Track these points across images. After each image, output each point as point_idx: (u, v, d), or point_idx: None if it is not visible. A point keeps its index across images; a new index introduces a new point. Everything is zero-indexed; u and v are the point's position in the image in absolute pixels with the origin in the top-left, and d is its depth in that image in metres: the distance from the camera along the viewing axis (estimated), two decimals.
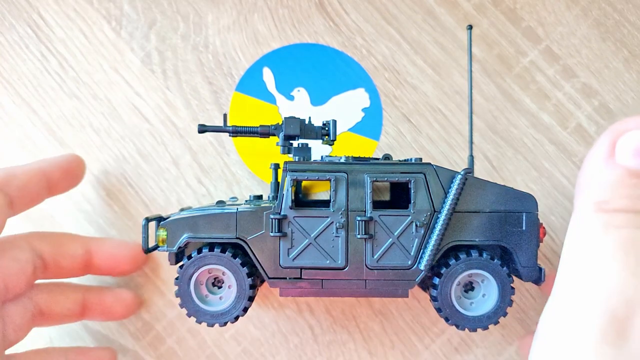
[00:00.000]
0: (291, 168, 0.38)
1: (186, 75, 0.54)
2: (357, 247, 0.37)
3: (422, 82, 0.53)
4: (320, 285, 0.38)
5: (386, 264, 0.37)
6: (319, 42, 0.54)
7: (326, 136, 0.42)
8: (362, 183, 0.38)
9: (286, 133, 0.40)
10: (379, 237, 0.37)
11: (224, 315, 0.38)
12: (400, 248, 0.37)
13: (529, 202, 0.38)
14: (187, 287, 0.38)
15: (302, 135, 0.41)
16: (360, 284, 0.38)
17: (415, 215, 0.37)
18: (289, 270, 0.38)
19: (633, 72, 0.53)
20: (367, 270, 0.38)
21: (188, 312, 0.38)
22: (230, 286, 0.39)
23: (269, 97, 0.53)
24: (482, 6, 0.54)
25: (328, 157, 0.43)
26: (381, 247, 0.37)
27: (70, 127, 0.54)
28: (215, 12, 0.54)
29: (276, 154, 0.46)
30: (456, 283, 0.38)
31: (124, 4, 0.54)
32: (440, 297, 0.38)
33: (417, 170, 0.38)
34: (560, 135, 0.53)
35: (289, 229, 0.38)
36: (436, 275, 0.38)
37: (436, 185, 0.38)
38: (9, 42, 0.54)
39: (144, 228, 0.39)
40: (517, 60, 0.53)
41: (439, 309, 0.39)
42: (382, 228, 0.37)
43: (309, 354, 0.52)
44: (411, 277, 0.38)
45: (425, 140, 0.53)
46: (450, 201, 0.37)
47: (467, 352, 0.52)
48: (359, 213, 0.37)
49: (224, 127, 0.43)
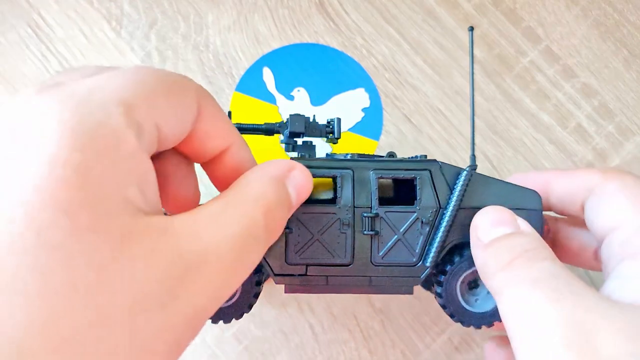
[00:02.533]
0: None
1: (187, 75, 0.54)
2: (362, 243, 0.37)
3: (422, 82, 0.53)
4: (325, 281, 0.38)
5: (391, 260, 0.38)
6: (319, 42, 0.54)
7: (330, 134, 0.42)
8: (367, 179, 0.38)
9: (292, 130, 0.40)
10: (385, 234, 0.37)
11: (229, 312, 0.38)
12: (406, 244, 0.37)
13: (534, 199, 0.38)
14: None
15: (307, 133, 0.41)
16: (365, 281, 0.38)
17: (420, 212, 0.37)
18: (294, 267, 0.38)
19: (633, 72, 0.53)
20: (373, 266, 0.38)
21: None
22: None
23: (269, 97, 0.53)
24: (482, 6, 0.54)
25: (332, 154, 0.43)
26: (387, 243, 0.37)
27: None
28: (216, 12, 0.54)
29: (278, 154, 0.46)
30: (461, 280, 0.38)
31: (124, 3, 0.54)
32: (445, 294, 0.38)
33: (423, 167, 0.38)
34: (560, 135, 0.53)
35: (295, 226, 0.38)
36: (441, 272, 0.39)
37: (442, 181, 0.38)
38: (9, 42, 0.54)
39: None
40: (517, 61, 0.53)
41: (444, 306, 0.39)
42: (387, 224, 0.37)
43: (309, 353, 0.52)
44: (416, 274, 0.38)
45: (425, 140, 0.53)
46: (456, 198, 0.37)
47: (468, 351, 0.52)
48: (364, 209, 0.37)
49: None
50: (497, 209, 0.36)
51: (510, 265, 0.31)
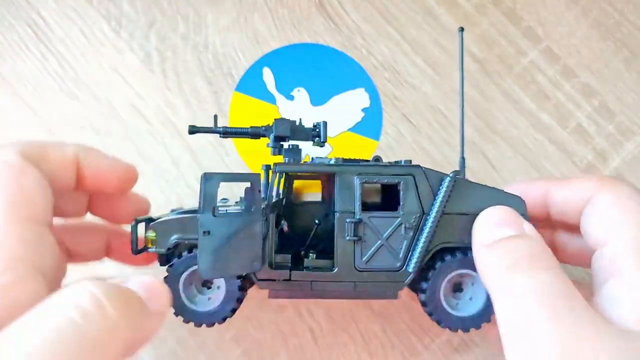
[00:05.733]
0: (280, 169, 0.38)
1: (186, 76, 0.54)
2: (346, 248, 0.37)
3: (422, 82, 0.53)
4: (309, 286, 0.38)
5: (375, 266, 0.37)
6: (319, 42, 0.54)
7: (317, 137, 0.42)
8: (351, 184, 0.37)
9: (276, 134, 0.40)
10: (368, 239, 0.37)
11: (212, 316, 0.38)
12: (389, 250, 0.37)
13: (517, 204, 0.38)
14: (176, 286, 0.38)
15: (293, 137, 0.41)
16: (350, 286, 0.38)
17: (404, 217, 0.37)
18: (278, 272, 0.38)
19: (633, 72, 0.53)
20: (357, 272, 0.37)
21: (175, 311, 0.38)
22: (220, 287, 0.39)
23: (269, 97, 0.53)
24: (482, 6, 0.54)
25: (318, 158, 0.43)
26: (370, 249, 0.37)
27: (70, 127, 0.54)
28: (215, 12, 0.54)
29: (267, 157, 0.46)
30: (444, 285, 0.38)
31: (123, 3, 0.54)
32: (429, 301, 0.38)
33: (406, 172, 0.38)
34: (560, 135, 0.53)
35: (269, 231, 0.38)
36: (424, 279, 0.38)
37: (425, 187, 0.38)
38: (9, 42, 0.54)
39: (134, 229, 0.38)
40: (517, 60, 0.53)
41: (430, 313, 0.39)
42: (371, 230, 0.37)
43: (308, 356, 0.52)
44: (400, 279, 0.38)
45: (425, 140, 0.53)
46: (439, 203, 0.37)
47: (467, 352, 0.52)
48: (348, 215, 0.37)
49: (214, 129, 0.43)
50: (503, 209, 0.36)
51: (513, 268, 0.31)
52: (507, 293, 0.31)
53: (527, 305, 0.29)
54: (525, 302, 0.30)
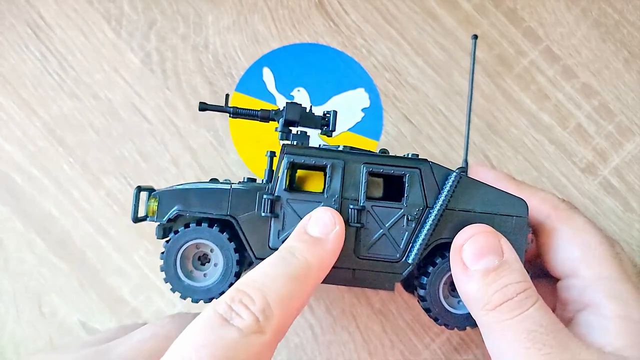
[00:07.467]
0: (289, 151, 0.38)
1: (186, 75, 0.54)
2: (348, 235, 0.37)
3: (422, 83, 0.53)
4: None
5: (376, 254, 0.38)
6: (319, 42, 0.54)
7: (325, 126, 0.42)
8: (357, 172, 0.38)
9: (287, 118, 0.40)
10: (370, 227, 0.37)
11: (210, 291, 0.38)
12: (390, 240, 0.37)
13: (520, 207, 0.38)
14: (173, 261, 0.38)
15: (302, 123, 0.41)
16: (349, 273, 0.38)
17: (407, 209, 0.37)
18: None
19: (633, 72, 0.53)
20: (357, 259, 0.38)
21: (172, 287, 0.38)
22: (217, 264, 0.39)
23: (268, 97, 0.53)
24: (483, 7, 0.54)
25: (326, 144, 0.43)
26: (371, 237, 0.37)
27: (70, 127, 0.54)
28: (215, 13, 0.54)
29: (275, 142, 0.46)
30: (444, 281, 0.38)
31: (124, 4, 0.54)
32: (428, 297, 0.38)
33: (413, 165, 0.38)
34: (560, 135, 0.53)
35: (281, 211, 0.38)
36: (424, 274, 0.38)
37: (431, 181, 0.38)
38: (9, 42, 0.54)
39: (135, 197, 0.38)
40: (517, 61, 0.53)
41: (427, 309, 0.39)
42: (373, 218, 0.37)
43: (309, 354, 0.52)
44: (398, 270, 0.38)
45: (425, 140, 0.53)
46: (443, 198, 0.37)
47: (467, 352, 0.52)
48: (352, 202, 0.37)
49: (225, 107, 0.42)
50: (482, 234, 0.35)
51: (501, 308, 0.33)
52: (498, 335, 0.32)
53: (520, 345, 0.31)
54: (519, 341, 0.31)
